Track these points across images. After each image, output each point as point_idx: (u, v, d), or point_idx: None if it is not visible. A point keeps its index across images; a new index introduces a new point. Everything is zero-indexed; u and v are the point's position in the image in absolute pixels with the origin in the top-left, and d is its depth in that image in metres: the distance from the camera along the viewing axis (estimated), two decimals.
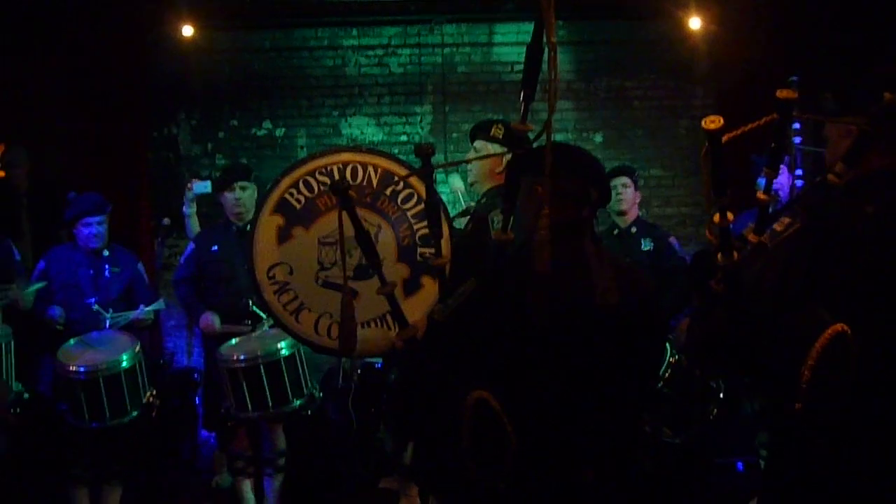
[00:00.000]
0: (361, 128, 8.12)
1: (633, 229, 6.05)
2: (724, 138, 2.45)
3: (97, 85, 7.49)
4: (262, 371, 5.33)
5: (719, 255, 2.53)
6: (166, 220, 7.21)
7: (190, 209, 6.56)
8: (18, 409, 5.44)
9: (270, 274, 3.69)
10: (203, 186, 6.46)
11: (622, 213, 6.03)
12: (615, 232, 5.98)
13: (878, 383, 2.55)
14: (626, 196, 6.02)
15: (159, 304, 5.97)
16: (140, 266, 6.07)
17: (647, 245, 5.96)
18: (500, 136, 4.39)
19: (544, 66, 2.45)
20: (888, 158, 2.73)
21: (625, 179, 6.00)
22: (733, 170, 2.54)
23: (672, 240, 6.10)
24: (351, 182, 3.67)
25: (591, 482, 2.60)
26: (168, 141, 8.12)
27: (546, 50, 2.39)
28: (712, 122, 2.42)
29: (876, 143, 2.63)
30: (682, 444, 5.11)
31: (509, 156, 4.18)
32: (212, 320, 5.75)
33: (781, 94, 2.51)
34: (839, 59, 4.44)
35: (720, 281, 2.56)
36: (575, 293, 2.60)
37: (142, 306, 5.81)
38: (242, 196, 5.80)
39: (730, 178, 2.49)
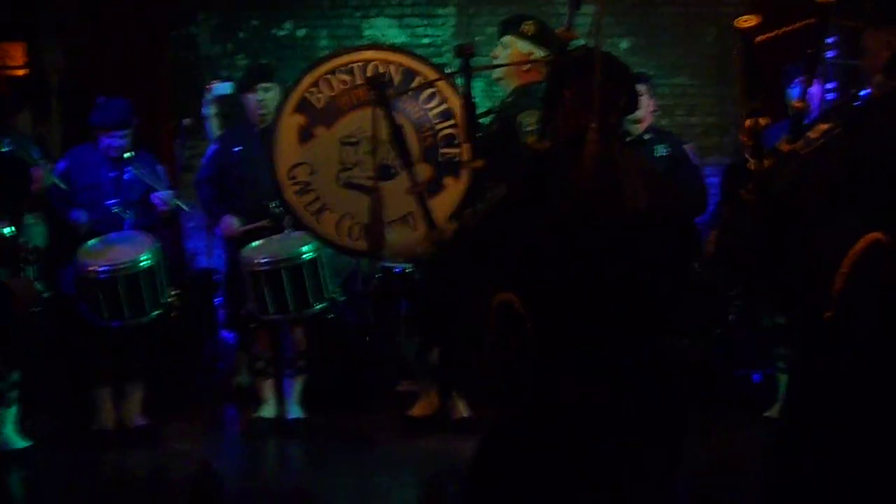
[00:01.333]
0: (383, 29, 7.99)
1: (647, 136, 5.97)
2: (758, 39, 2.39)
3: None
4: (284, 274, 5.36)
5: (751, 163, 2.49)
6: (186, 121, 7.14)
7: (210, 110, 6.52)
8: (39, 308, 5.49)
9: (292, 174, 3.68)
10: (223, 88, 6.42)
11: (636, 121, 5.94)
12: (627, 139, 5.89)
13: None
14: (641, 103, 5.93)
15: (182, 205, 5.97)
16: (160, 168, 6.06)
17: (660, 151, 5.89)
18: (530, 34, 4.31)
19: None
20: None
21: (640, 89, 5.88)
22: (766, 79, 2.49)
23: (687, 147, 6.01)
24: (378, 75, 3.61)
25: (613, 389, 2.62)
26: (188, 41, 8.01)
27: None
28: (746, 21, 2.37)
29: None
30: (699, 354, 5.13)
31: (538, 55, 4.13)
32: (232, 223, 5.76)
33: None
34: None
35: (751, 190, 2.52)
36: (604, 198, 2.57)
37: (162, 193, 5.79)
38: (265, 97, 5.75)
39: (763, 84, 2.44)
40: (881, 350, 2.58)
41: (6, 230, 5.02)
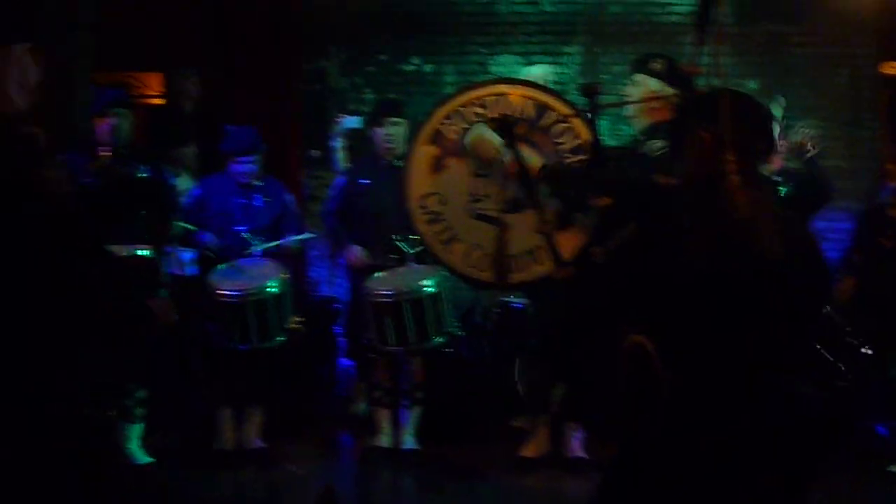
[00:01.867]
0: (510, 66, 8.04)
1: (777, 178, 5.88)
2: None
3: (251, 17, 7.65)
4: (405, 307, 5.41)
5: (892, 209, 2.45)
6: (315, 153, 7.35)
7: (338, 143, 6.67)
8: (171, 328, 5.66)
9: (423, 203, 3.73)
10: (352, 122, 6.56)
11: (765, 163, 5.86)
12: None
13: None
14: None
15: (308, 235, 6.10)
16: (289, 197, 6.22)
17: (786, 191, 5.80)
18: (660, 70, 4.30)
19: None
20: None
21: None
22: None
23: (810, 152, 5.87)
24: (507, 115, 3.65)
25: (739, 432, 2.58)
26: (318, 74, 8.21)
27: None
28: (893, 68, 2.32)
29: None
30: (826, 402, 4.98)
31: (667, 91, 4.11)
32: (359, 252, 5.86)
33: None
34: None
35: (892, 237, 2.47)
36: (739, 242, 2.55)
37: (291, 235, 5.95)
38: (393, 132, 5.85)
39: None
40: None
41: (145, 252, 5.20)
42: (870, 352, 5.07)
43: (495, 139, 3.54)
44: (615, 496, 2.73)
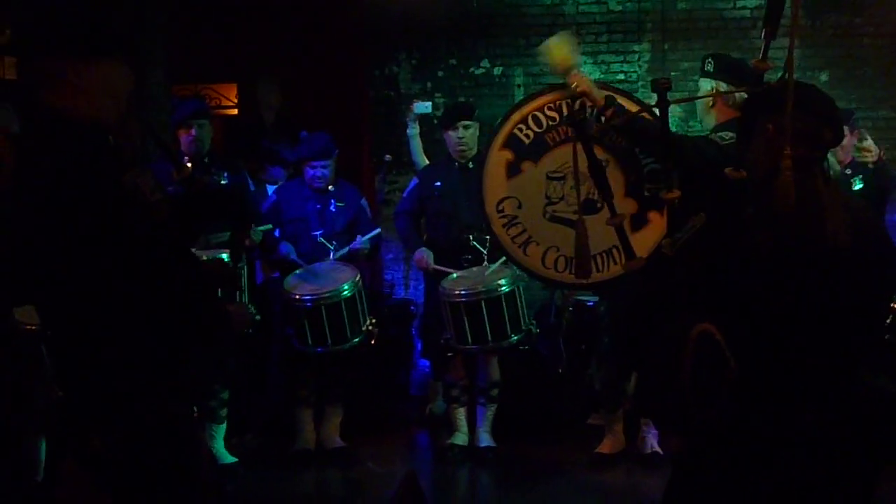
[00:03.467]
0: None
1: (848, 171, 5.86)
2: None
3: (322, 26, 7.79)
4: (483, 306, 5.49)
5: None
6: (387, 157, 7.46)
7: (413, 130, 6.76)
8: (251, 331, 5.81)
9: (500, 207, 3.80)
10: (424, 107, 6.66)
11: (838, 159, 5.86)
12: (829, 173, 5.78)
13: None
14: (845, 145, 5.85)
15: (376, 231, 6.22)
16: (363, 201, 6.32)
17: (858, 184, 5.78)
18: (711, 70, 4.32)
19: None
20: None
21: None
22: None
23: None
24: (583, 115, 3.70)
25: (808, 424, 2.60)
26: (389, 79, 8.34)
27: None
28: None
29: None
30: None
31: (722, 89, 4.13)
32: (425, 256, 5.93)
33: None
34: None
35: None
36: (807, 232, 2.58)
37: (359, 237, 6.05)
38: (465, 134, 5.91)
39: None
40: None
41: (225, 256, 5.35)
42: None
43: (569, 47, 3.61)
44: (686, 490, 2.76)
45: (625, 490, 5.67)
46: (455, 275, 5.73)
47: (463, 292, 5.55)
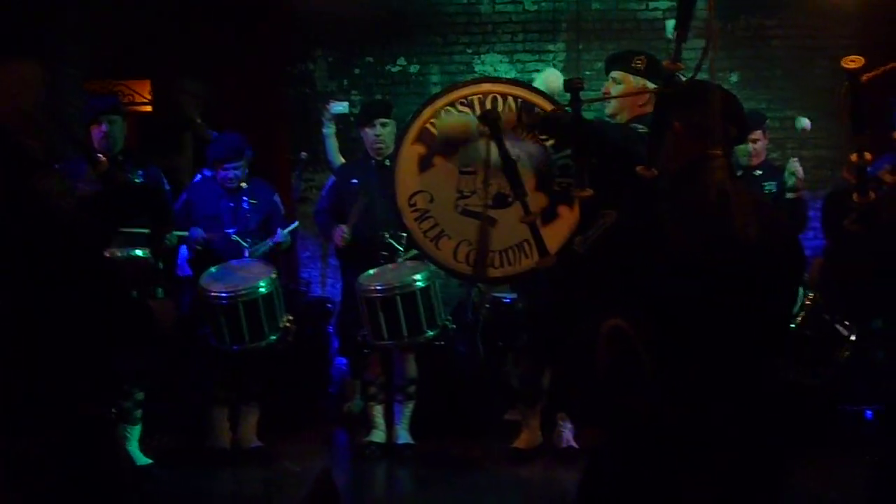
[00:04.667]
0: (494, 65, 8.14)
1: (758, 172, 6.00)
2: (864, 78, 2.44)
3: (239, 22, 7.71)
4: (399, 302, 5.51)
5: (855, 195, 2.52)
6: (303, 154, 7.41)
7: (329, 129, 6.72)
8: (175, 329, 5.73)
9: (412, 201, 3.81)
10: (340, 107, 6.64)
11: (750, 157, 5.99)
12: (739, 173, 5.90)
13: None
14: (757, 149, 6.00)
15: (294, 225, 6.17)
16: (277, 198, 6.28)
17: (769, 187, 5.91)
18: (642, 69, 4.37)
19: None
20: None
21: (756, 134, 5.93)
22: (871, 112, 2.53)
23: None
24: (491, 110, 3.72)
25: (721, 416, 2.65)
26: (305, 77, 8.30)
27: None
28: (852, 62, 2.42)
29: None
30: (812, 386, 5.09)
31: (648, 87, 4.20)
32: (344, 231, 5.87)
33: None
34: None
35: (855, 221, 2.55)
36: (715, 227, 2.63)
37: (279, 230, 6.02)
38: (383, 132, 5.92)
39: (869, 119, 2.48)
40: None
41: (141, 253, 5.28)
42: (853, 337, 5.16)
43: (463, 117, 3.63)
44: (600, 482, 2.80)
45: (542, 484, 5.73)
46: (371, 271, 5.73)
47: (378, 287, 5.56)
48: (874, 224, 2.54)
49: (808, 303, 4.97)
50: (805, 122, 5.62)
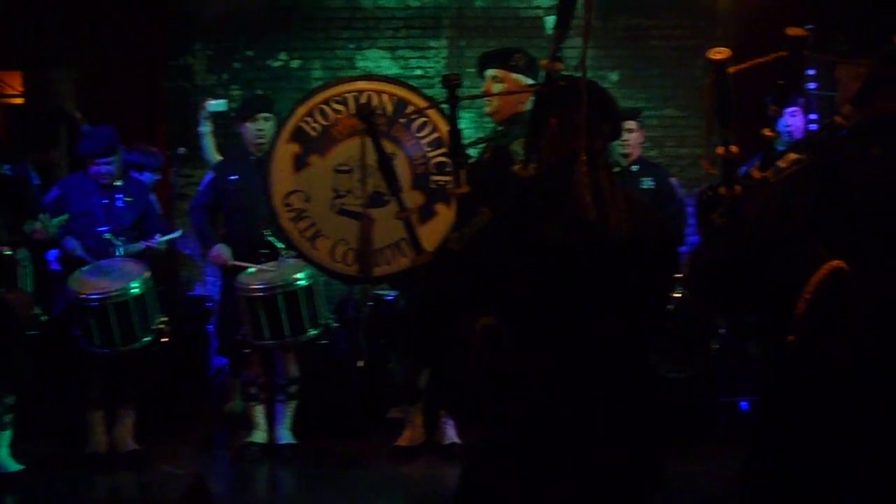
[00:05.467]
0: (377, 61, 8.11)
1: (635, 168, 6.09)
2: (731, 70, 2.48)
3: (116, 13, 7.52)
4: (280, 300, 5.43)
5: (722, 189, 2.57)
6: (181, 150, 7.26)
7: (205, 128, 6.60)
8: (36, 332, 5.56)
9: (287, 201, 3.77)
10: (217, 105, 6.51)
11: (626, 154, 6.07)
12: (616, 169, 5.99)
13: (872, 322, 2.61)
14: (631, 139, 6.06)
15: (175, 234, 6.05)
16: (152, 197, 6.14)
17: (647, 184, 6.01)
18: (521, 66, 4.38)
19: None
20: (895, 102, 2.77)
21: (630, 124, 6.01)
22: (748, 111, 2.57)
23: (672, 180, 6.12)
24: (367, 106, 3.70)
25: (598, 408, 2.67)
26: (184, 71, 8.13)
27: None
28: (718, 53, 2.45)
29: (884, 85, 2.67)
30: (684, 380, 5.20)
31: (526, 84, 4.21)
32: (223, 252, 5.81)
33: (791, 31, 2.55)
34: (855, 2, 4.46)
35: (722, 215, 2.60)
36: (590, 224, 2.64)
37: (157, 235, 5.88)
38: (265, 127, 5.83)
39: (735, 112, 2.52)
40: (840, 375, 2.66)
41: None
42: (722, 330, 5.30)
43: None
44: (479, 479, 2.80)
45: (425, 481, 5.73)
46: (252, 269, 5.64)
47: (260, 286, 5.48)
48: (740, 218, 2.59)
49: (677, 297, 5.08)
50: None
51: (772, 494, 2.83)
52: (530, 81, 4.36)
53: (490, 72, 4.38)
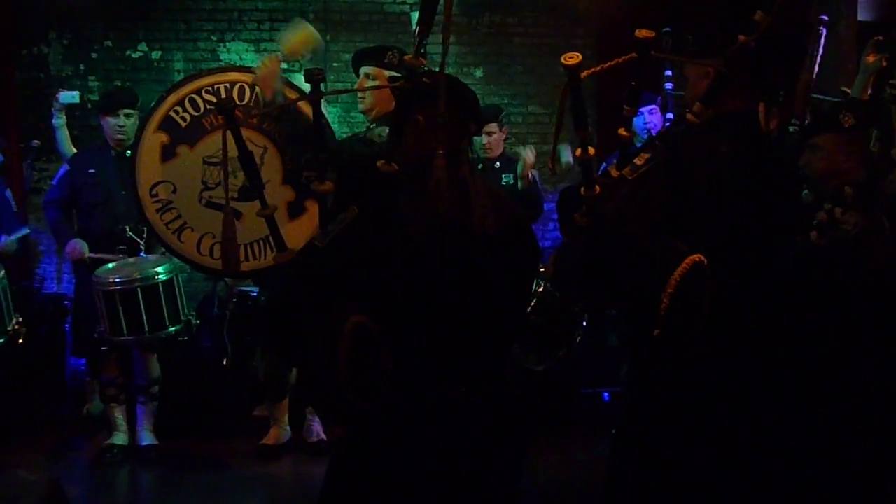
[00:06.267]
0: (240, 53, 7.99)
1: (497, 164, 6.17)
2: (583, 74, 2.54)
3: None
4: (139, 294, 5.29)
5: (582, 189, 2.62)
6: (35, 142, 7.01)
7: (59, 120, 6.37)
8: None
9: (153, 192, 3.69)
10: (70, 97, 6.30)
11: (488, 150, 6.14)
12: (479, 166, 6.06)
13: (729, 312, 2.71)
14: (492, 141, 6.12)
15: (23, 231, 5.84)
16: (8, 192, 5.91)
17: (507, 179, 6.10)
18: (395, 63, 4.37)
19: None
20: (741, 101, 2.89)
21: (491, 126, 6.07)
22: (609, 111, 2.63)
23: (533, 173, 6.22)
24: (238, 102, 3.66)
25: (462, 401, 2.70)
26: (38, 60, 7.85)
27: None
28: (571, 59, 2.49)
29: (731, 84, 2.77)
30: (546, 371, 5.29)
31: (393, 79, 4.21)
32: (78, 246, 5.64)
33: (640, 33, 2.62)
34: (707, 4, 4.62)
35: (584, 214, 2.65)
36: (454, 219, 2.66)
37: (3, 236, 5.67)
38: (126, 122, 5.68)
39: (591, 118, 2.59)
40: (703, 365, 2.75)
41: None
42: (585, 322, 5.42)
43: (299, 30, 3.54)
44: (345, 475, 2.79)
45: (291, 480, 5.69)
46: (111, 265, 5.49)
47: (118, 279, 5.32)
48: (599, 216, 2.65)
49: (539, 290, 5.17)
50: (568, 156, 5.80)
51: (637, 485, 2.91)
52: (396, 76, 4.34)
53: (364, 69, 4.36)
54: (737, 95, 2.86)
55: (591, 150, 2.54)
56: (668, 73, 6.05)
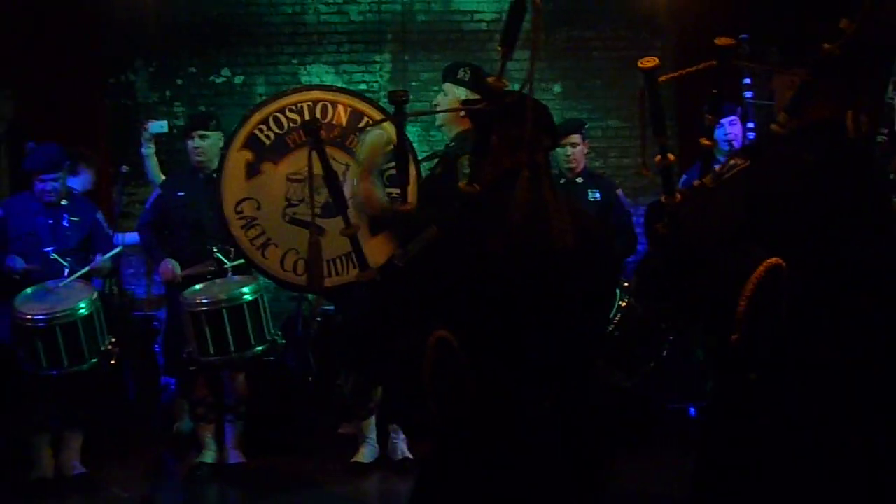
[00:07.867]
0: (320, 76, 8.11)
1: (580, 180, 6.13)
2: (661, 79, 2.52)
3: (55, 31, 7.43)
4: (225, 315, 5.36)
5: (663, 196, 2.60)
6: (125, 168, 7.16)
7: (148, 149, 6.53)
8: None
9: (238, 209, 3.75)
10: (159, 126, 6.44)
11: (571, 167, 6.10)
12: (562, 181, 6.03)
13: (808, 318, 2.66)
14: (576, 153, 6.08)
15: (117, 249, 5.98)
16: (99, 215, 6.06)
17: (593, 196, 6.05)
18: (467, 80, 4.40)
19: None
20: (827, 110, 2.83)
21: (574, 138, 6.04)
22: (690, 121, 2.61)
23: (619, 192, 6.17)
24: (321, 120, 3.69)
25: (546, 416, 2.69)
26: (125, 88, 8.08)
27: (529, 10, 2.46)
28: (647, 62, 2.48)
29: (816, 94, 2.72)
30: (631, 387, 5.24)
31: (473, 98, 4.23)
32: (171, 266, 5.77)
33: (720, 41, 2.59)
34: (789, 13, 4.55)
35: (665, 223, 2.63)
36: (534, 236, 2.66)
37: (98, 255, 5.81)
38: (202, 144, 5.80)
39: (670, 124, 2.57)
40: (783, 370, 2.70)
41: None
42: (671, 337, 5.34)
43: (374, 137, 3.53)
44: (431, 493, 2.80)
45: (379, 497, 5.70)
46: (197, 286, 5.58)
47: (204, 300, 5.40)
48: (679, 224, 2.62)
49: (623, 305, 5.12)
50: None
51: (723, 498, 2.86)
52: (472, 95, 4.37)
53: (444, 85, 4.41)
54: (823, 105, 2.81)
55: (671, 157, 2.52)
56: (747, 81, 5.97)
